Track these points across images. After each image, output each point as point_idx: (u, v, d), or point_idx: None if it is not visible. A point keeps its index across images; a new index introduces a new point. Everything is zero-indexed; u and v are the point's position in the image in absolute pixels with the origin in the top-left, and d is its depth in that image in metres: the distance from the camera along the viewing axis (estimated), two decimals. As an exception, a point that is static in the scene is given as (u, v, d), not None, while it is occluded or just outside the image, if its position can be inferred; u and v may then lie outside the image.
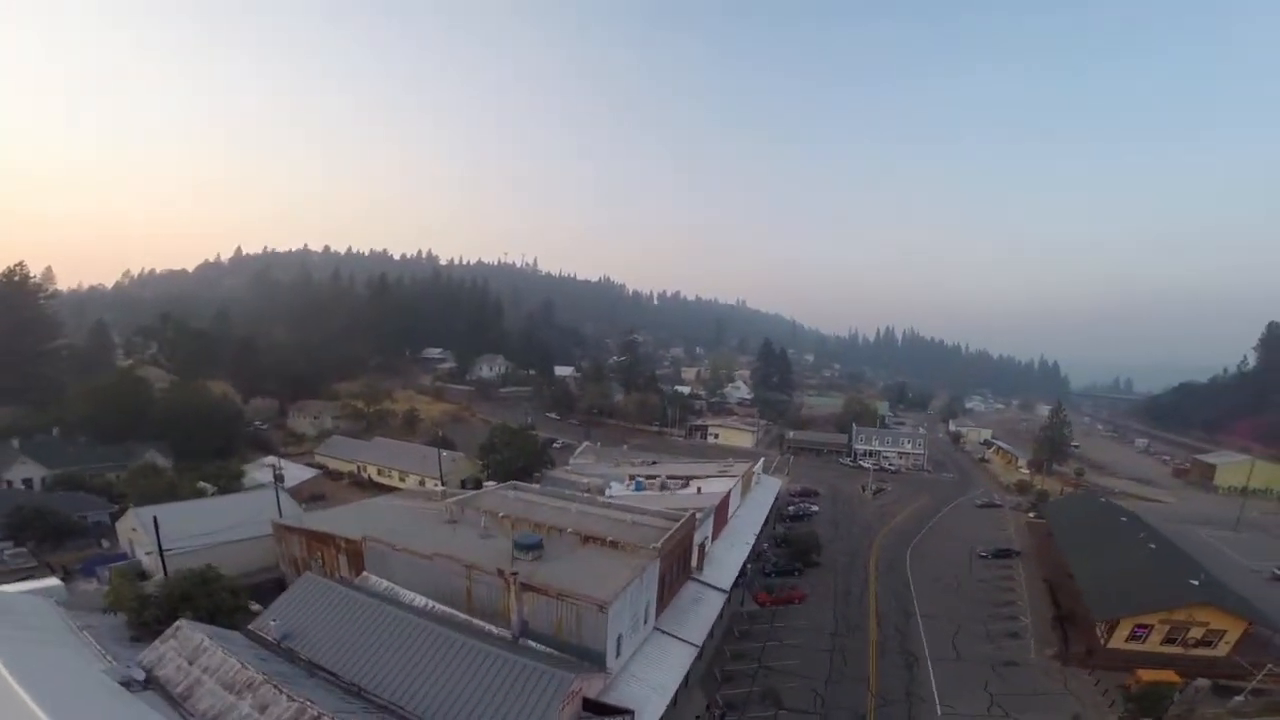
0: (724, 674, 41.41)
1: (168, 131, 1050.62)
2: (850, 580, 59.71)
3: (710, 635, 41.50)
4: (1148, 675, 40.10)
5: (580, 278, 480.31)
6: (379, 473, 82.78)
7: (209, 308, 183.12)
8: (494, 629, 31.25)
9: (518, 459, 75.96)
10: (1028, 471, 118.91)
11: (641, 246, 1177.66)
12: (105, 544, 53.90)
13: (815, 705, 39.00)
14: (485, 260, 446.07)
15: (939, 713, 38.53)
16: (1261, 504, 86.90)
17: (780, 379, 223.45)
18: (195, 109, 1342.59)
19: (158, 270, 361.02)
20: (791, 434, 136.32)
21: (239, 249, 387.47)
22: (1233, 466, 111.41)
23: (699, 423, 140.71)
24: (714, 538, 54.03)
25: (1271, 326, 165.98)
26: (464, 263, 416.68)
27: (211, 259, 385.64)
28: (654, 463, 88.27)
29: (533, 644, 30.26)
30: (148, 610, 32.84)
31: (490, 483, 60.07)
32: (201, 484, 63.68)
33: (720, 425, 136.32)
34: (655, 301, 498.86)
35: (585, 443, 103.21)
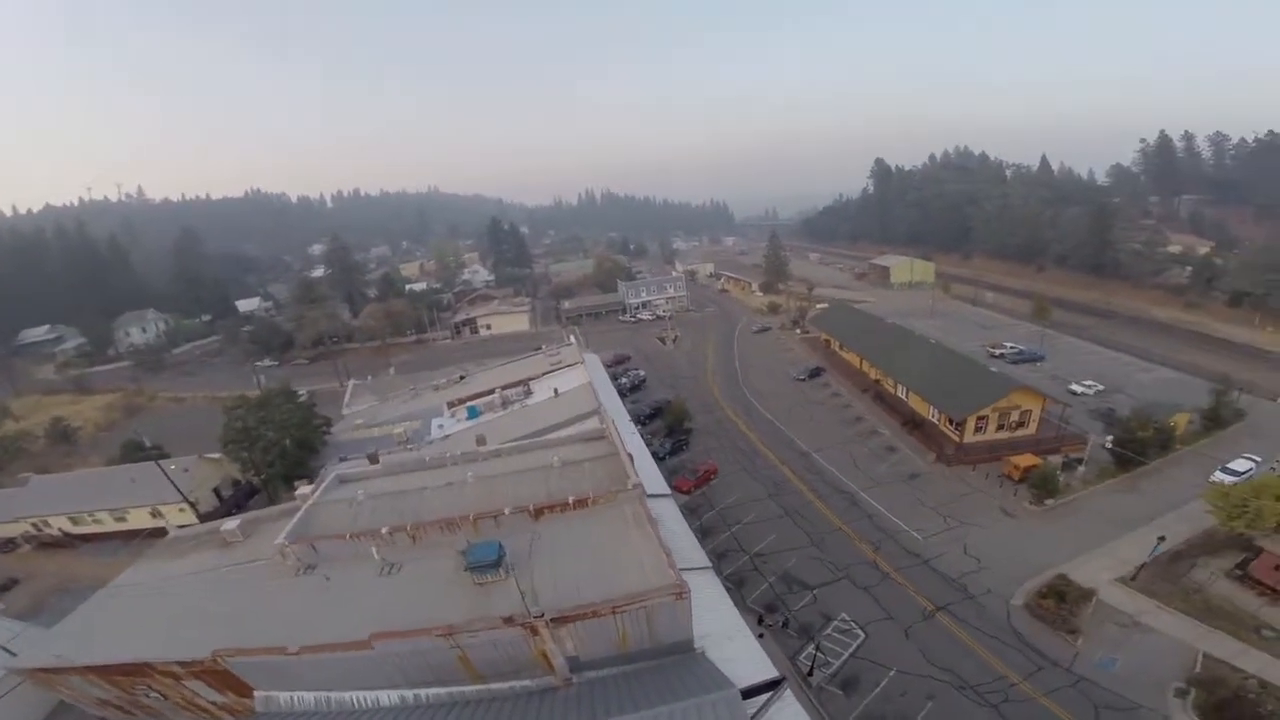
0: (728, 581, 37.46)
1: None
2: (729, 436, 60.33)
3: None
4: (1022, 461, 46.33)
5: (216, 197, 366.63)
6: (74, 523, 52.76)
7: None
8: (529, 683, 21.52)
9: (285, 437, 54.61)
10: (761, 294, 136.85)
11: (289, 152, 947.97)
12: None
13: (831, 571, 38.40)
14: (57, 204, 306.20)
15: (922, 539, 40.91)
16: (932, 295, 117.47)
17: (515, 254, 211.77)
18: None
19: None
20: (566, 304, 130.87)
21: None
22: (899, 266, 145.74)
23: (464, 318, 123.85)
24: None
25: (878, 161, 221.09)
26: (28, 212, 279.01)
27: None
28: (461, 377, 73.86)
29: (592, 675, 21.63)
30: None
31: (307, 490, 39.45)
32: None
33: (490, 314, 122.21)
34: (330, 205, 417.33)
35: (352, 381, 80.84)
